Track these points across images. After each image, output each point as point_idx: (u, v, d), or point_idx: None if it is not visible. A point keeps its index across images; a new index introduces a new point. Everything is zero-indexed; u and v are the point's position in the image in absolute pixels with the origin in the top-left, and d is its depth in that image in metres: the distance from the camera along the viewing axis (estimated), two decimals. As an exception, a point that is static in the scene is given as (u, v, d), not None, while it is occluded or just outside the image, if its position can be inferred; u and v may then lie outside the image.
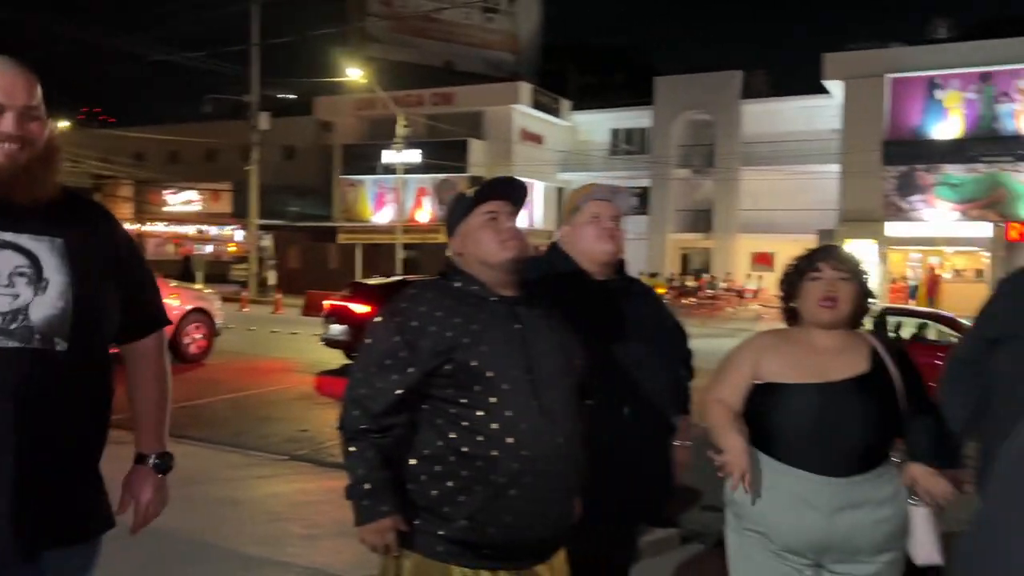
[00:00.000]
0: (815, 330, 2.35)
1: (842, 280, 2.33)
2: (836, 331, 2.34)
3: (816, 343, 2.34)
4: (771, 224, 32.41)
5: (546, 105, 35.46)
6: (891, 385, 2.29)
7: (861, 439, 2.22)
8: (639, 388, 2.45)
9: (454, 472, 1.87)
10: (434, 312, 1.90)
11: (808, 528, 2.21)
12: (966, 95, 25.45)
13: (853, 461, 2.20)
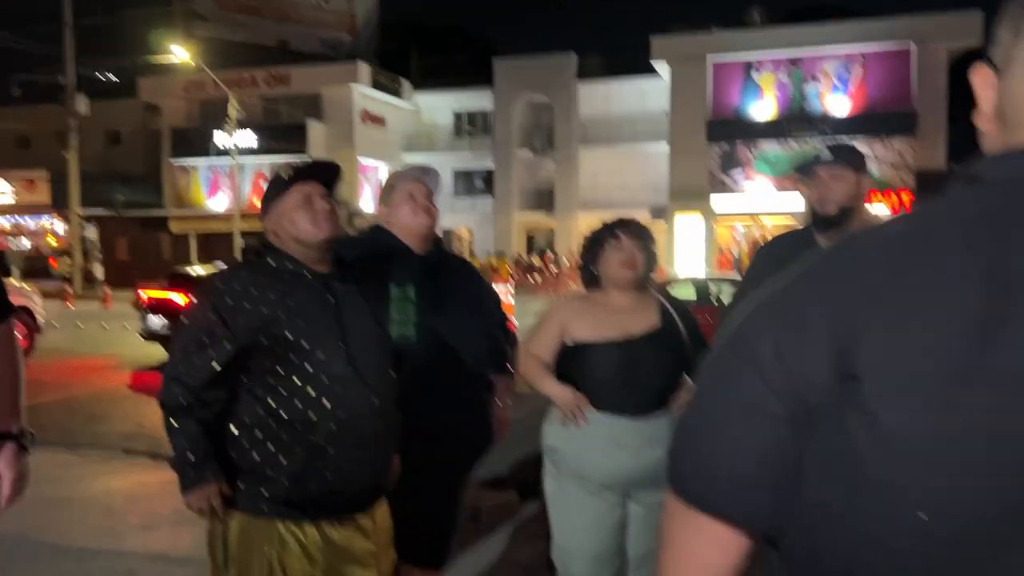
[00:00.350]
0: (613, 292, 2.65)
1: (638, 248, 2.64)
2: (630, 292, 2.65)
3: (614, 303, 2.64)
4: (609, 202, 33.70)
5: (387, 86, 35.11)
6: (680, 336, 2.63)
7: (658, 383, 2.55)
8: (458, 351, 2.66)
9: (275, 436, 2.00)
10: (248, 289, 2.01)
11: (620, 465, 2.52)
12: (779, 77, 27.46)
13: (653, 402, 2.52)
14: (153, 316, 11.08)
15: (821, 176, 2.65)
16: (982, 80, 0.89)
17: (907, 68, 26.09)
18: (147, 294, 11.47)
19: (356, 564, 2.12)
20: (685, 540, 0.95)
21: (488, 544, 4.31)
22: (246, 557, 2.02)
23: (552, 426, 2.66)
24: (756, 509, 0.87)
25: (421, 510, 2.64)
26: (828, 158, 2.67)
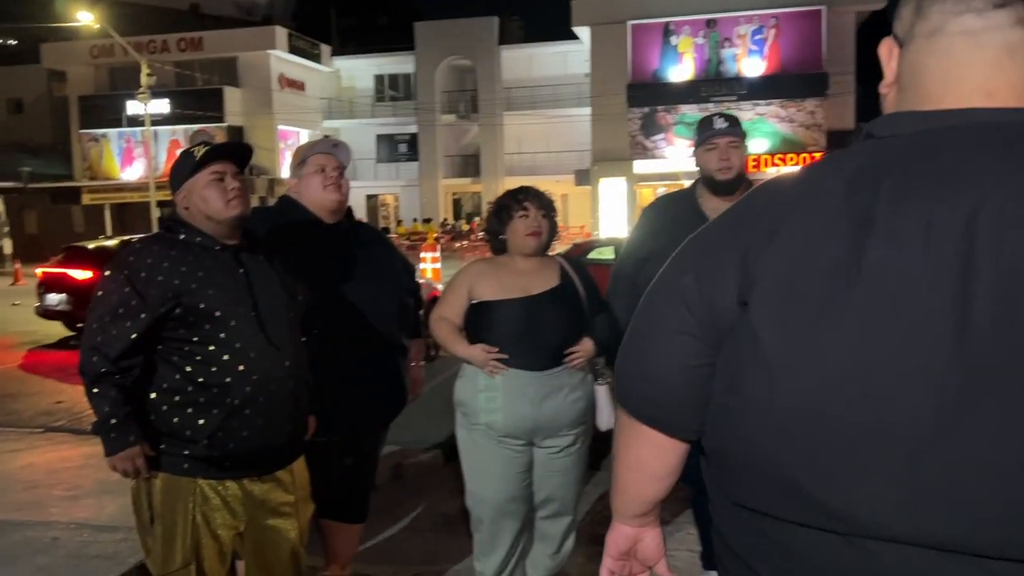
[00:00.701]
0: (518, 256, 2.83)
1: (543, 217, 2.82)
2: (534, 256, 2.83)
3: (519, 267, 2.83)
4: (534, 167, 33.90)
5: (305, 51, 34.32)
6: (577, 294, 2.83)
7: (557, 338, 2.74)
8: (370, 316, 2.79)
9: (192, 400, 2.11)
10: (161, 263, 2.11)
11: (522, 415, 2.72)
12: (696, 40, 27.90)
13: (552, 356, 2.72)
14: (50, 293, 10.75)
15: (719, 144, 2.86)
16: (887, 52, 1.05)
17: (818, 30, 26.81)
18: (42, 270, 11.14)
19: (276, 515, 2.27)
20: (628, 444, 1.18)
21: (412, 500, 4.49)
22: (171, 514, 2.15)
23: (460, 380, 2.85)
24: (682, 419, 1.08)
25: (340, 466, 2.79)
26: (724, 127, 2.88)
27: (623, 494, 1.25)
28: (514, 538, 2.88)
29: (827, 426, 0.89)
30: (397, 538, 3.90)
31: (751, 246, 0.97)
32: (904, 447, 0.86)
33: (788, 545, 0.97)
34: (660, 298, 1.10)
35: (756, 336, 0.93)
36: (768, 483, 0.96)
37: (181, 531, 2.14)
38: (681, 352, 1.03)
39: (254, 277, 2.22)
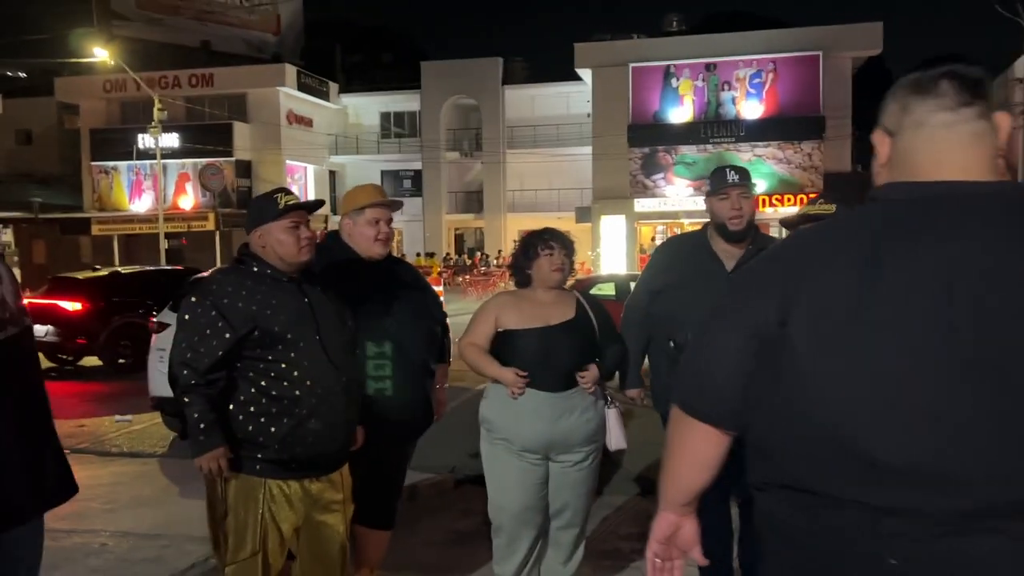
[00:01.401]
0: (540, 290, 3.20)
1: (564, 256, 3.18)
2: (554, 290, 3.18)
3: (540, 299, 3.20)
4: (535, 204, 34.44)
5: (313, 88, 35.05)
6: (591, 326, 3.18)
7: (571, 364, 3.09)
8: (403, 342, 3.14)
9: (266, 410, 2.47)
10: (240, 291, 2.49)
11: (539, 431, 3.07)
12: (696, 83, 28.58)
13: (566, 380, 3.07)
14: (35, 325, 10.90)
15: (731, 195, 3.20)
16: (879, 139, 1.39)
17: (815, 75, 27.49)
18: (27, 301, 11.25)
19: (328, 512, 2.63)
20: (683, 438, 1.44)
21: (427, 518, 4.79)
22: (244, 510, 2.49)
23: (486, 400, 3.21)
24: (729, 413, 1.38)
25: (374, 476, 3.11)
26: (736, 179, 3.22)
27: (675, 484, 1.47)
28: (530, 544, 3.20)
29: (865, 409, 1.22)
30: (415, 551, 4.19)
31: (791, 279, 1.29)
32: (924, 417, 1.19)
33: (827, 520, 1.25)
34: (715, 320, 1.42)
35: (793, 347, 1.27)
36: (822, 452, 1.25)
37: (252, 524, 2.49)
38: (739, 365, 1.34)
39: (316, 306, 2.59)
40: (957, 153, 1.28)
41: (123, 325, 11.28)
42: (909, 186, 1.29)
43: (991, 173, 1.28)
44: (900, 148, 1.34)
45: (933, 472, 1.17)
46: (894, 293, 1.20)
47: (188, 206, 31.91)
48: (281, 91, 32.94)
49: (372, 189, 3.28)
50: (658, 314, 3.33)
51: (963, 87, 1.31)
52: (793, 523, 1.31)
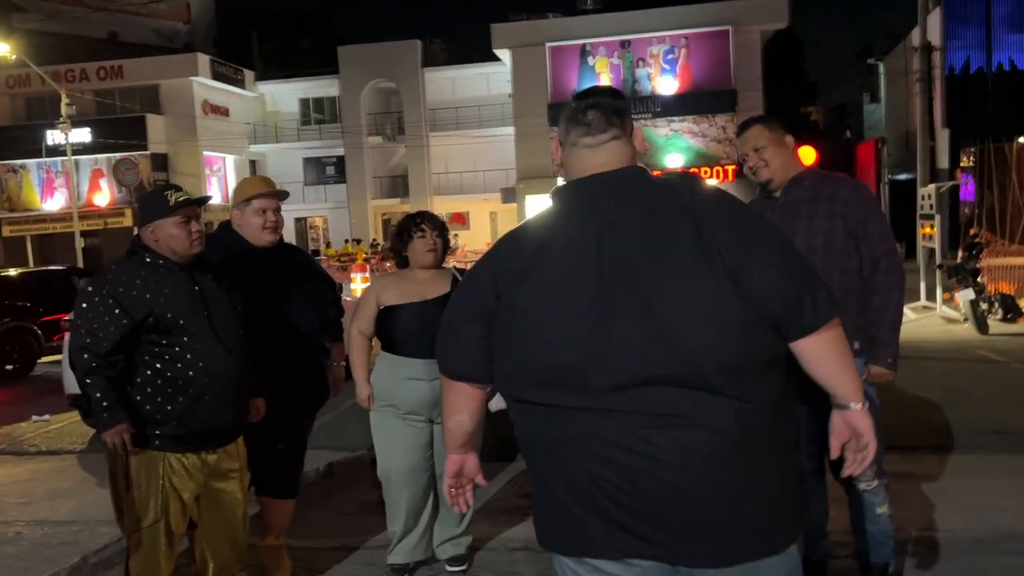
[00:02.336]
0: (417, 269, 3.46)
1: (437, 236, 3.45)
2: (431, 269, 3.45)
3: (418, 278, 3.46)
4: (462, 186, 34.62)
5: (228, 76, 34.39)
6: None
7: None
8: (298, 323, 3.37)
9: (161, 390, 2.70)
10: (134, 280, 2.70)
11: (421, 392, 3.37)
12: (612, 61, 29.09)
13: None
14: None
15: None
16: (555, 147, 1.87)
17: (726, 49, 28.27)
18: None
19: (226, 479, 2.89)
20: (448, 395, 1.90)
21: (340, 492, 5.03)
22: (145, 482, 2.72)
23: (375, 370, 3.49)
24: (476, 370, 1.82)
25: (274, 449, 3.34)
26: None
27: (449, 435, 1.94)
28: (419, 503, 3.50)
29: (549, 336, 1.67)
30: (326, 519, 4.43)
31: (499, 268, 1.77)
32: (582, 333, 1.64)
33: (540, 419, 1.73)
34: (459, 297, 1.90)
35: (514, 305, 1.70)
36: (529, 376, 1.71)
37: (154, 494, 2.72)
38: (471, 330, 1.81)
39: (207, 292, 2.82)
40: (598, 160, 1.75)
41: (9, 330, 10.95)
42: (573, 181, 1.78)
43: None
44: (567, 156, 1.81)
45: (574, 372, 1.65)
46: (564, 250, 1.68)
47: (104, 203, 31.09)
48: (195, 81, 32.26)
49: (258, 180, 3.48)
50: None
51: (604, 116, 1.76)
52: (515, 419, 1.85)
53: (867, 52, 37.89)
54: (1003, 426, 5.85)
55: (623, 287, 1.63)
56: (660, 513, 1.62)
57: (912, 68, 22.01)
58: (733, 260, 1.60)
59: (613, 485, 1.64)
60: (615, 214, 1.68)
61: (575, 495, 1.68)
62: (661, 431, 1.60)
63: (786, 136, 3.00)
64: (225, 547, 2.93)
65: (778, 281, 1.62)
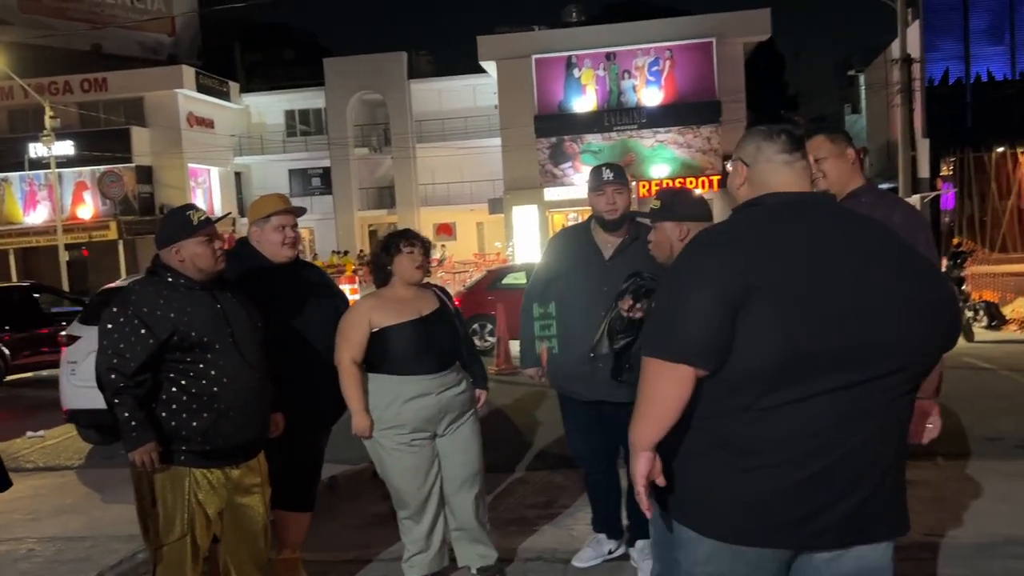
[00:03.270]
0: (399, 287, 3.48)
1: (423, 253, 3.49)
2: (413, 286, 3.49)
3: (403, 295, 3.48)
4: (448, 197, 34.68)
5: (213, 88, 34.31)
6: (452, 313, 3.56)
7: (445, 347, 3.46)
8: (313, 339, 3.42)
9: (187, 407, 2.74)
10: (158, 300, 2.74)
11: (426, 407, 3.39)
12: (597, 72, 29.27)
13: (441, 362, 3.43)
14: None
15: (607, 191, 3.56)
16: (738, 169, 2.03)
17: (710, 61, 28.53)
18: None
19: (248, 494, 2.93)
20: (658, 383, 1.79)
21: (345, 504, 5.06)
22: (172, 497, 2.76)
23: (371, 394, 3.45)
24: (714, 357, 1.75)
25: (291, 463, 3.38)
26: (611, 177, 3.57)
27: (651, 428, 1.83)
28: (433, 515, 3.52)
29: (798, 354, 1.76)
30: (334, 533, 4.47)
31: (743, 258, 1.80)
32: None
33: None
34: (691, 285, 1.81)
35: (764, 301, 1.73)
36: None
37: (180, 510, 2.76)
38: (714, 317, 1.76)
39: (228, 310, 2.87)
40: (791, 177, 1.97)
41: None
42: (776, 195, 1.94)
43: (809, 188, 2.02)
44: (753, 174, 1.99)
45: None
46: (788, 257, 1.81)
47: (88, 215, 30.88)
48: (179, 93, 32.17)
49: (276, 198, 3.53)
50: (550, 299, 3.70)
51: (793, 140, 1.99)
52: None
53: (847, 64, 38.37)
54: (995, 432, 5.97)
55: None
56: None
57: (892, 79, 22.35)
58: None
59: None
60: (824, 225, 1.94)
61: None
62: None
63: (848, 149, 3.00)
64: (247, 561, 2.96)
65: None
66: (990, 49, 23.43)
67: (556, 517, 4.49)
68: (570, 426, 3.78)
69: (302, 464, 3.48)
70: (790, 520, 1.79)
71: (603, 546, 3.78)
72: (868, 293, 1.79)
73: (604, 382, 3.37)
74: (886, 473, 1.85)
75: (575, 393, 3.62)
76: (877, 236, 1.90)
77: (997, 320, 11.29)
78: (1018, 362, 8.89)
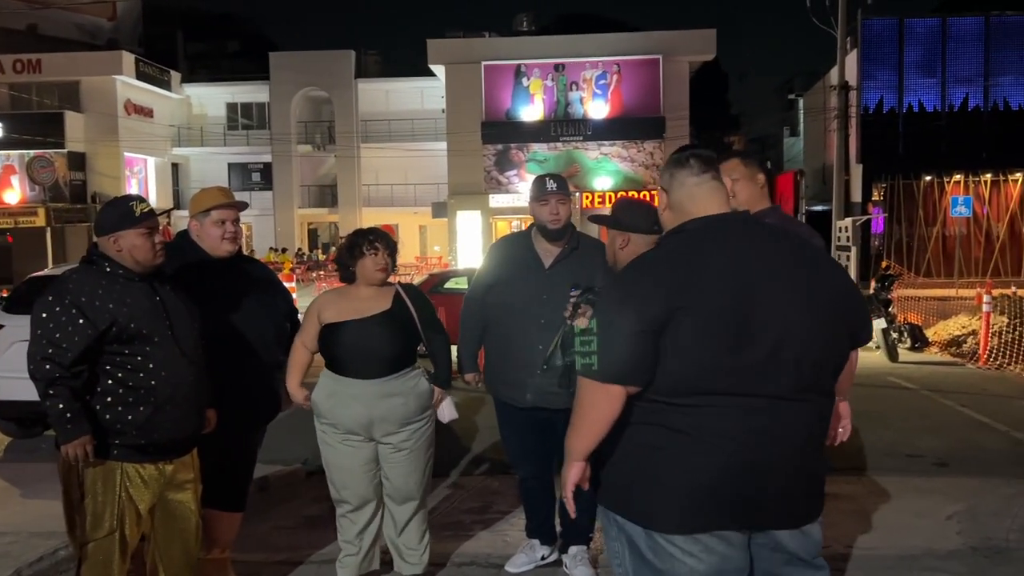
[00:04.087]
0: (363, 286, 3.47)
1: (387, 255, 3.47)
2: (376, 285, 3.48)
3: (361, 295, 3.47)
4: (392, 198, 34.45)
5: (153, 77, 33.45)
6: (408, 316, 3.48)
7: (387, 352, 3.40)
8: (252, 334, 3.36)
9: (123, 400, 2.66)
10: (96, 290, 2.66)
11: (357, 414, 3.38)
12: (545, 82, 29.50)
13: (383, 368, 3.38)
14: None
15: (551, 201, 3.60)
16: (661, 196, 2.19)
17: (656, 78, 29.02)
18: None
19: (181, 490, 2.87)
20: (592, 400, 1.96)
21: (278, 506, 4.98)
22: (102, 492, 2.67)
23: (316, 388, 3.47)
24: (642, 376, 1.91)
25: (224, 461, 3.31)
26: (554, 188, 3.61)
27: (586, 440, 2.01)
28: (368, 515, 3.52)
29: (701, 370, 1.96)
30: (265, 534, 4.39)
31: (668, 283, 1.95)
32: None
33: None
34: (620, 316, 1.94)
35: (676, 326, 1.90)
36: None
37: (110, 505, 2.68)
38: (640, 343, 1.91)
39: (167, 302, 2.80)
40: (708, 201, 2.11)
41: None
42: (696, 221, 2.08)
43: (728, 208, 2.14)
44: (673, 200, 2.15)
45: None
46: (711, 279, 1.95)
47: (14, 200, 29.77)
48: (118, 80, 31.27)
49: (217, 191, 3.45)
50: (492, 304, 3.71)
51: (702, 161, 2.14)
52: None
53: (788, 87, 39.47)
54: (915, 450, 6.20)
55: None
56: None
57: (830, 105, 23.10)
58: None
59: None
60: (752, 246, 2.12)
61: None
62: None
63: (759, 174, 3.22)
64: (178, 558, 2.89)
65: None
66: (922, 81, 24.37)
67: (491, 522, 4.50)
68: (506, 431, 3.80)
69: (234, 463, 3.41)
70: (731, 504, 1.95)
71: (536, 552, 3.80)
72: (785, 305, 1.95)
73: (541, 389, 3.45)
74: (806, 467, 2.03)
75: (512, 399, 3.64)
76: (791, 248, 2.08)
77: (920, 342, 11.71)
78: (939, 383, 9.24)
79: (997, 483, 5.05)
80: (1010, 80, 23.82)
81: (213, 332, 3.11)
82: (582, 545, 3.70)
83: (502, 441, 3.90)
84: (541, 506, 3.82)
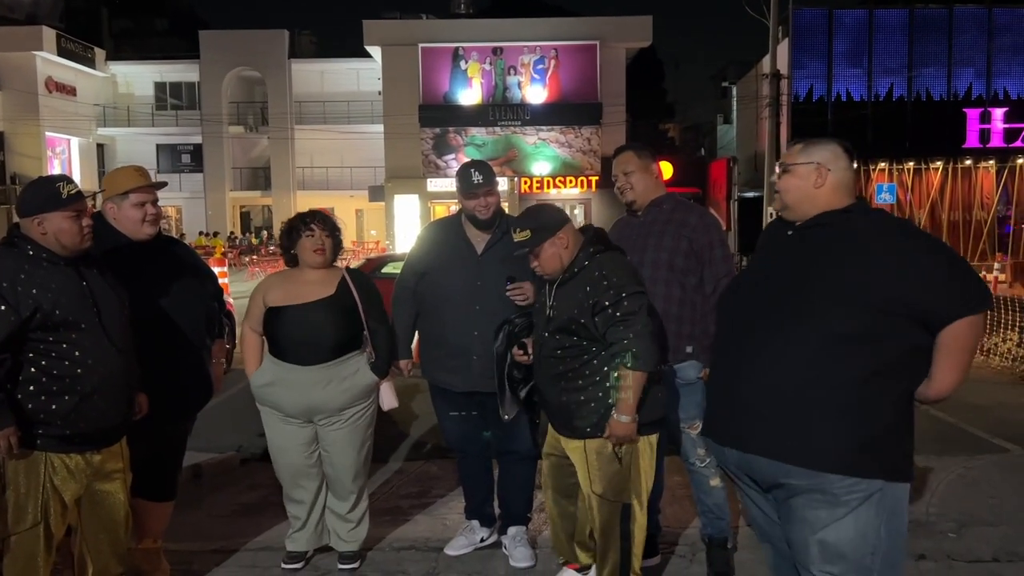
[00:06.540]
0: (307, 269, 3.43)
1: (327, 236, 3.42)
2: (321, 269, 3.43)
3: (306, 278, 3.45)
4: (327, 182, 33.91)
5: (76, 53, 32.16)
6: (351, 303, 3.45)
7: (328, 341, 3.38)
8: (179, 318, 3.26)
9: (47, 389, 2.56)
10: (18, 275, 2.53)
11: (296, 400, 3.39)
12: (484, 66, 29.33)
13: (324, 352, 3.36)
14: None
15: (479, 194, 3.56)
16: (818, 169, 2.44)
17: (593, 63, 29.11)
18: None
19: (109, 480, 2.77)
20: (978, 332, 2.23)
21: (211, 494, 4.89)
22: (25, 483, 2.57)
23: (258, 371, 3.48)
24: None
25: (153, 450, 3.23)
26: (481, 180, 3.56)
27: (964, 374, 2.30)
28: (311, 494, 3.56)
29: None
30: (199, 522, 4.31)
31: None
32: None
33: None
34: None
35: None
36: None
37: (33, 496, 2.58)
38: None
39: (94, 288, 2.69)
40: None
41: None
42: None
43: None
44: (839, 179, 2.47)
45: None
46: None
47: (-74, 180, 28.36)
48: (38, 56, 29.99)
49: (133, 171, 3.29)
50: (423, 292, 3.69)
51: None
52: None
53: (722, 76, 40.09)
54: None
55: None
56: None
57: (762, 93, 23.54)
58: None
59: None
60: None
61: None
62: None
63: (652, 164, 3.42)
64: (106, 549, 2.81)
65: None
66: (850, 71, 25.03)
67: (430, 506, 4.50)
68: (443, 416, 3.80)
69: (164, 452, 3.33)
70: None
71: (475, 534, 3.82)
72: None
73: (477, 374, 3.48)
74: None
75: (449, 384, 3.65)
76: None
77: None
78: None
79: (916, 459, 5.25)
80: (932, 71, 24.63)
81: (141, 317, 3.02)
82: (521, 526, 3.73)
83: (439, 425, 3.90)
84: (479, 488, 3.83)
